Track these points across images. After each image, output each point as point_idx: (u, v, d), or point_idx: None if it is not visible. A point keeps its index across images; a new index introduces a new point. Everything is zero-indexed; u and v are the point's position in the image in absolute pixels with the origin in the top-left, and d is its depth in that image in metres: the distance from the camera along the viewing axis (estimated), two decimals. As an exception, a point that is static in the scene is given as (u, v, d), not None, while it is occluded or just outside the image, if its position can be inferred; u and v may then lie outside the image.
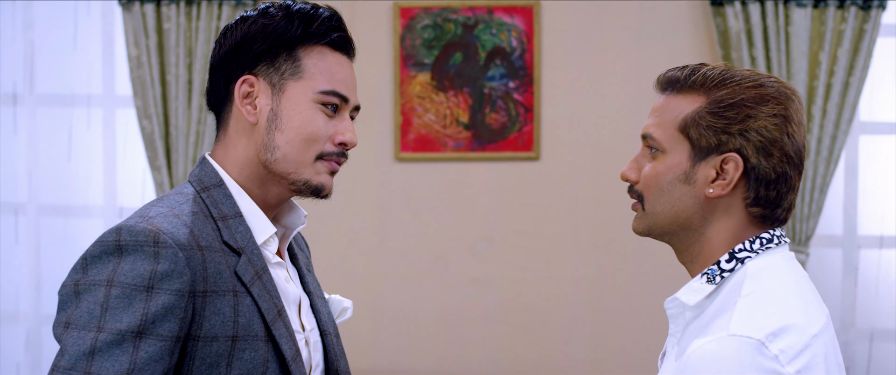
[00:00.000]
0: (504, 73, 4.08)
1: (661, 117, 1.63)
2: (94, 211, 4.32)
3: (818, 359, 1.48)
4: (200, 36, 4.02)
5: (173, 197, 1.67)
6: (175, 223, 1.58)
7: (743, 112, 1.56)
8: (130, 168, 4.31)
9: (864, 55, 3.85)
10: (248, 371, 1.59)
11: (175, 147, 4.07)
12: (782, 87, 1.59)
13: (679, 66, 1.64)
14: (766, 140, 1.56)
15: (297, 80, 1.68)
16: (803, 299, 1.55)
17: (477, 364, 4.16)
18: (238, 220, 1.67)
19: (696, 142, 1.59)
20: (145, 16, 4.03)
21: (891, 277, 4.11)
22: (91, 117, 4.32)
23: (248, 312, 1.61)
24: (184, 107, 4.04)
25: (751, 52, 3.87)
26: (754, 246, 1.59)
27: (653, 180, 1.64)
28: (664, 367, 1.65)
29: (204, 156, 1.73)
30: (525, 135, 4.09)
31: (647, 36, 4.07)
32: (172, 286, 1.53)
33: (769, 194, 1.58)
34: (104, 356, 1.49)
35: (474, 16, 4.07)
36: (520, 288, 4.16)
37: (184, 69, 4.04)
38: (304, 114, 1.68)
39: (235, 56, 1.69)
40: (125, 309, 1.51)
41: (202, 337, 1.57)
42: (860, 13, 3.85)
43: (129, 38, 4.07)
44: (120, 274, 1.52)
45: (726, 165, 1.57)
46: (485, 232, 4.17)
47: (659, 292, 4.06)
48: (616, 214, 4.11)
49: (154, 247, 1.53)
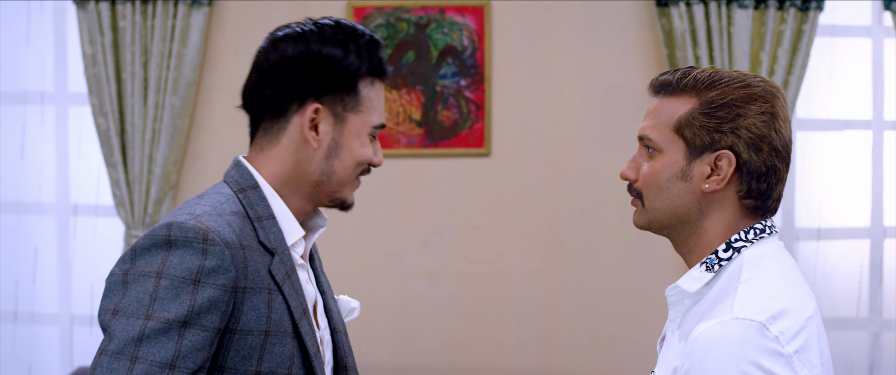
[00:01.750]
0: (456, 72, 4.16)
1: (657, 119, 1.72)
2: (48, 208, 4.33)
3: (812, 340, 1.60)
4: (156, 34, 4.05)
5: (213, 195, 1.74)
6: (220, 222, 1.67)
7: (733, 111, 1.66)
8: (85, 165, 4.32)
9: (803, 54, 3.97)
10: (276, 364, 1.69)
11: (131, 144, 4.09)
12: (768, 86, 1.70)
13: (670, 71, 1.74)
14: (755, 136, 1.66)
15: (357, 114, 1.77)
16: (796, 285, 1.66)
17: (429, 354, 4.23)
18: (271, 222, 1.75)
19: (691, 141, 1.69)
20: (100, 14, 4.05)
21: (828, 268, 4.26)
22: (44, 114, 4.32)
23: (280, 309, 1.70)
24: (140, 105, 4.07)
25: (695, 52, 3.98)
26: (749, 236, 1.69)
27: (652, 178, 1.73)
28: (665, 349, 1.76)
29: (238, 159, 1.80)
30: (476, 132, 4.17)
31: (595, 35, 4.15)
32: (218, 281, 1.62)
33: (760, 186, 1.68)
34: (151, 342, 1.58)
35: (426, 15, 4.14)
36: (471, 281, 4.24)
37: (139, 67, 4.06)
38: (363, 145, 1.78)
39: (302, 77, 1.74)
40: (173, 299, 1.60)
41: (238, 330, 1.66)
42: (799, 14, 3.98)
43: (84, 35, 4.08)
44: (169, 266, 1.61)
45: (720, 162, 1.67)
46: (437, 226, 4.24)
47: (605, 284, 4.18)
48: (564, 209, 4.21)
49: (203, 244, 1.62)
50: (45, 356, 4.39)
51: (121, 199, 4.11)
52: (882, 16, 4.14)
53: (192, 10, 4.05)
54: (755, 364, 1.53)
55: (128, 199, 4.10)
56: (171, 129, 4.08)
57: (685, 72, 1.73)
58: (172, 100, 4.07)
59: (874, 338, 4.23)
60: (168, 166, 4.10)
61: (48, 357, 4.38)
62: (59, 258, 4.33)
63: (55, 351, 4.36)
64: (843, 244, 4.23)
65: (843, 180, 4.22)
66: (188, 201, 1.74)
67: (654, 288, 4.20)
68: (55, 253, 4.34)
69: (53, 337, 4.36)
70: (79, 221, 4.33)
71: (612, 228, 4.18)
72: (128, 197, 4.10)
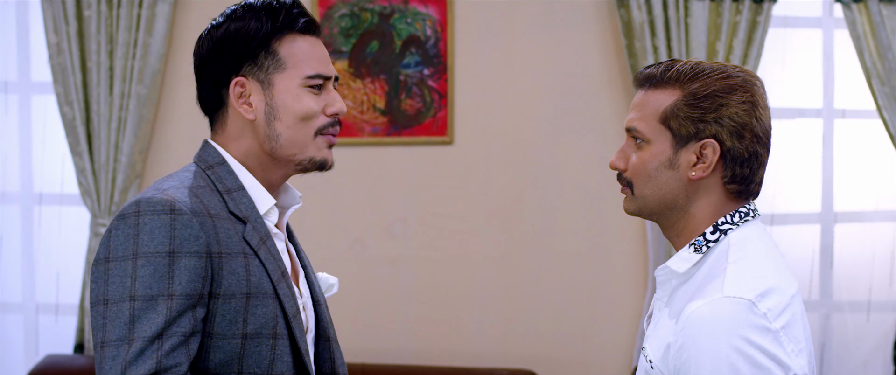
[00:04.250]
0: (419, 61, 4.21)
1: (643, 111, 1.81)
2: (12, 197, 4.33)
3: (797, 317, 1.71)
4: (122, 23, 4.06)
5: (181, 174, 1.82)
6: (186, 193, 1.74)
7: (716, 101, 1.76)
8: (49, 154, 4.33)
9: (758, 45, 4.07)
10: (261, 325, 1.75)
11: (97, 133, 4.11)
12: (747, 76, 1.80)
13: (653, 64, 1.83)
14: (737, 124, 1.76)
15: (282, 72, 1.83)
16: (780, 265, 1.77)
17: (393, 340, 4.29)
18: (241, 193, 1.82)
19: (677, 131, 1.77)
20: (65, 3, 4.06)
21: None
22: (7, 103, 4.32)
23: (258, 272, 1.76)
24: (105, 94, 4.09)
25: (653, 42, 4.06)
26: (735, 219, 1.79)
27: (641, 168, 1.81)
28: (653, 327, 1.84)
29: (206, 141, 1.88)
30: (439, 121, 4.23)
31: (555, 26, 4.22)
32: (191, 248, 1.69)
33: (744, 172, 1.78)
34: (141, 321, 1.65)
35: (390, 5, 4.19)
36: (434, 267, 4.29)
37: (105, 56, 4.07)
38: (297, 100, 1.83)
39: (217, 62, 1.84)
40: (151, 275, 1.67)
41: (222, 295, 1.72)
42: (753, 6, 4.07)
43: (49, 24, 4.09)
44: (141, 245, 1.67)
45: (705, 150, 1.76)
46: (401, 214, 4.29)
47: (565, 270, 4.26)
48: (525, 196, 4.28)
49: (170, 215, 1.69)
50: (10, 345, 4.39)
51: (87, 188, 4.13)
52: (833, 7, 4.24)
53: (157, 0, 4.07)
54: (745, 339, 1.63)
55: (94, 188, 4.12)
56: (136, 118, 4.10)
57: (668, 65, 1.81)
58: (138, 90, 4.09)
59: (825, 320, 4.35)
60: (134, 155, 4.12)
61: (13, 346, 4.39)
62: (23, 247, 4.34)
63: (20, 341, 4.37)
64: (794, 229, 4.33)
65: (794, 167, 4.32)
66: (157, 180, 1.81)
67: (613, 273, 4.30)
68: (20, 242, 4.34)
69: (18, 326, 4.36)
70: (44, 210, 4.34)
71: (573, 215, 4.26)
72: (94, 186, 4.12)
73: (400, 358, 4.26)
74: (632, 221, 4.12)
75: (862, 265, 4.35)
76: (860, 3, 4.07)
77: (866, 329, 4.34)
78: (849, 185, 4.33)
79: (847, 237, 4.34)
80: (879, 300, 4.32)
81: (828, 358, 4.34)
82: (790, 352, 1.66)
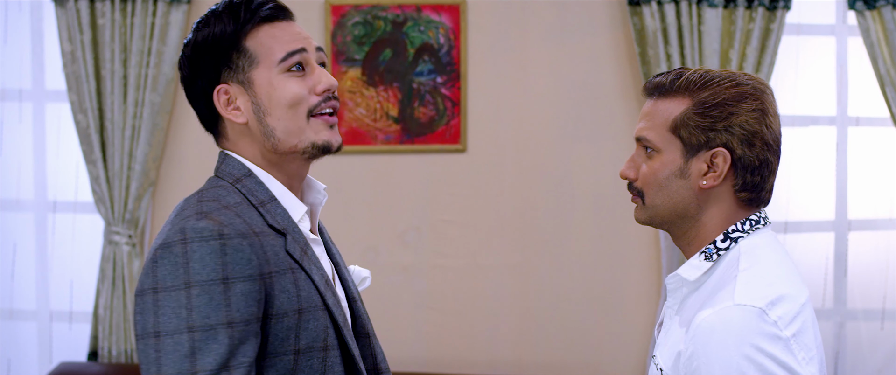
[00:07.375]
0: (432, 69, 4.22)
1: (653, 120, 1.80)
2: (26, 205, 4.35)
3: (807, 324, 1.70)
4: (136, 32, 4.07)
5: (213, 191, 1.76)
6: (229, 215, 1.67)
7: (726, 110, 1.75)
8: (63, 162, 4.34)
9: (771, 53, 4.06)
10: (312, 339, 1.70)
11: (111, 141, 4.12)
12: (756, 83, 1.78)
13: (662, 73, 1.82)
14: (748, 132, 1.75)
15: (257, 67, 1.76)
16: (791, 273, 1.76)
17: (406, 348, 4.28)
18: (274, 204, 1.76)
19: (687, 140, 1.77)
20: (79, 12, 4.07)
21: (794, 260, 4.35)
22: (22, 112, 4.34)
23: (306, 286, 1.71)
24: (119, 102, 4.10)
25: (666, 50, 4.05)
26: (745, 227, 1.78)
27: (651, 177, 1.81)
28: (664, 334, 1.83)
29: (225, 152, 1.82)
30: (452, 129, 4.23)
31: (568, 33, 4.22)
32: (245, 273, 1.62)
33: (754, 179, 1.77)
34: (203, 353, 1.58)
35: (403, 13, 4.20)
36: (447, 275, 4.29)
37: (119, 64, 4.09)
38: (279, 88, 1.76)
39: (197, 77, 1.80)
40: (208, 304, 1.60)
41: (274, 315, 1.66)
42: (767, 13, 4.07)
43: (63, 33, 4.10)
44: (194, 273, 1.60)
45: (716, 159, 1.76)
46: (414, 221, 4.29)
47: (578, 278, 4.26)
48: (538, 204, 4.27)
49: (220, 240, 1.62)
50: (24, 353, 4.40)
51: (100, 196, 4.14)
52: (846, 15, 4.24)
53: (172, 7, 4.09)
54: (756, 347, 1.62)
55: (108, 196, 4.13)
56: (150, 126, 4.12)
57: (677, 73, 1.80)
58: (152, 97, 4.10)
59: (839, 328, 4.34)
60: (148, 163, 4.13)
61: (27, 353, 4.40)
62: (37, 254, 4.35)
63: (34, 348, 4.38)
64: (808, 236, 4.32)
65: (808, 175, 4.31)
66: (188, 199, 1.75)
67: (626, 281, 4.29)
68: (34, 249, 4.35)
69: (32, 334, 4.38)
70: (58, 218, 4.35)
71: (585, 223, 4.26)
72: (108, 194, 4.13)
73: (413, 366, 4.25)
74: (644, 229, 4.12)
75: (876, 273, 4.33)
76: (874, 11, 4.06)
77: (880, 337, 4.33)
78: (863, 193, 4.32)
79: (861, 245, 4.33)
80: (893, 308, 4.30)
81: (842, 367, 4.32)
82: (801, 360, 1.65)
